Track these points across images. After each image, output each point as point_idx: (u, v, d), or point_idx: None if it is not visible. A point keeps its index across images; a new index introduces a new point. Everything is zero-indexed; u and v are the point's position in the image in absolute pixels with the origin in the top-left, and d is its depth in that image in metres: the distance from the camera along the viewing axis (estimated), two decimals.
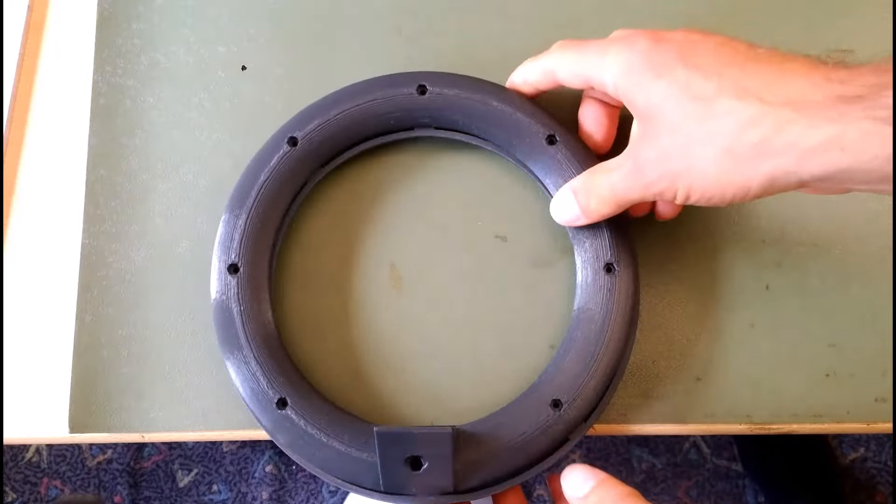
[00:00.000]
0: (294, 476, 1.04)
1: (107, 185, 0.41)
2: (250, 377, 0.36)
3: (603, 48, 0.33)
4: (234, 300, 0.37)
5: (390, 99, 0.39)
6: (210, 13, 0.44)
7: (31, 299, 0.41)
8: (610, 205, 0.34)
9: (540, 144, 0.38)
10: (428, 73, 0.39)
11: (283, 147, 0.38)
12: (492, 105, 0.38)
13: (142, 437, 0.39)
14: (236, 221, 0.38)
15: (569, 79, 0.36)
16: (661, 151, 0.31)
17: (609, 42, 0.34)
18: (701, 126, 0.30)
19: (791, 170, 0.28)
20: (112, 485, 1.04)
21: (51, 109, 0.43)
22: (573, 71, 0.35)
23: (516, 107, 0.38)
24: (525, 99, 0.39)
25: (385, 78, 0.39)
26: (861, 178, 0.27)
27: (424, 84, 0.39)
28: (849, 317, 0.40)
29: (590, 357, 0.36)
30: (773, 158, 0.28)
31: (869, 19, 0.43)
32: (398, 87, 0.39)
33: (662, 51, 0.31)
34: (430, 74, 0.39)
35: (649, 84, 0.31)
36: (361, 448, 0.35)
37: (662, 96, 0.31)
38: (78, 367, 0.39)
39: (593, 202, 0.35)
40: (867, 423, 0.39)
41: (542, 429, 0.35)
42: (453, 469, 0.34)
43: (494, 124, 0.39)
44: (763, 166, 0.29)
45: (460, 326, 0.40)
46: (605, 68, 0.33)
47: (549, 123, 0.38)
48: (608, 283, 0.37)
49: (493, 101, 0.38)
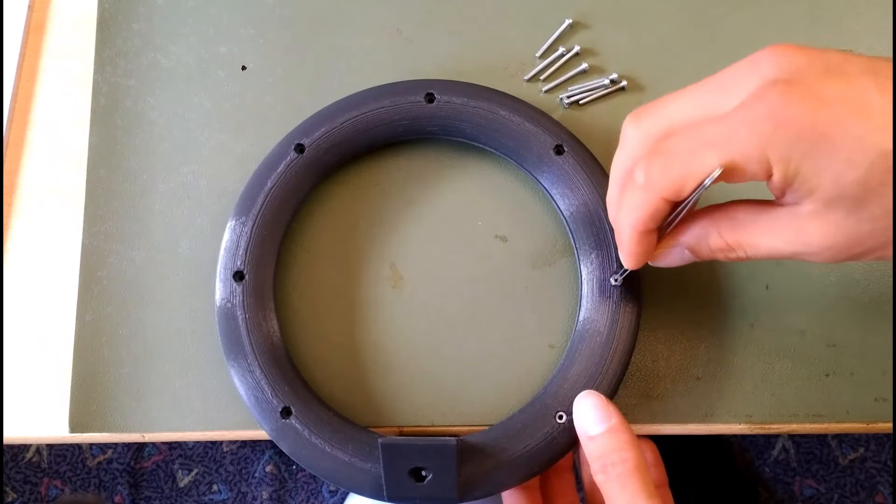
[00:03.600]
0: (294, 476, 1.04)
1: (107, 185, 0.41)
2: (255, 386, 0.36)
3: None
4: (240, 307, 0.37)
5: (398, 107, 0.39)
6: (210, 13, 0.44)
7: (31, 299, 0.41)
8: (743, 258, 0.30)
9: (548, 154, 0.38)
10: (436, 81, 0.39)
11: (290, 154, 0.38)
12: (500, 114, 0.38)
13: (142, 437, 0.39)
14: (242, 228, 0.38)
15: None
16: (860, 232, 0.26)
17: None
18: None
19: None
20: (112, 485, 1.04)
21: (51, 109, 0.43)
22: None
23: (524, 116, 0.38)
24: (533, 108, 0.39)
25: (393, 85, 0.39)
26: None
27: (432, 92, 0.39)
28: (849, 317, 0.40)
29: (595, 370, 0.36)
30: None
31: (868, 19, 0.43)
32: (406, 95, 0.39)
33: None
34: (438, 82, 0.39)
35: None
36: (365, 458, 0.35)
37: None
38: (78, 367, 0.39)
39: (725, 250, 0.30)
40: (867, 422, 0.39)
41: (546, 441, 0.35)
42: (457, 481, 0.34)
43: (502, 134, 0.39)
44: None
45: (460, 326, 0.40)
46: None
47: (558, 133, 0.38)
48: (615, 296, 0.36)
49: (502, 110, 0.38)
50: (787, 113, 0.25)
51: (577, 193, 0.38)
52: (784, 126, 0.25)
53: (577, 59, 0.43)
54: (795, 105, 0.25)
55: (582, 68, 0.42)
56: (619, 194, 0.31)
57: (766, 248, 0.29)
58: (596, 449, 0.32)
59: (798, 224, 0.27)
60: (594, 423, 0.33)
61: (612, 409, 0.33)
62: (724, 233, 0.30)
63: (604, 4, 0.43)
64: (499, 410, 0.39)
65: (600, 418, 0.33)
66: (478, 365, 0.39)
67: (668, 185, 0.28)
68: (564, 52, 0.42)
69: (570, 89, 0.42)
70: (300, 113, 0.41)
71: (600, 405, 0.33)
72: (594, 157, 0.38)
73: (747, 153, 0.26)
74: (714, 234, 0.30)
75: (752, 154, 0.26)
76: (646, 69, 0.43)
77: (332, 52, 0.43)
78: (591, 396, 0.34)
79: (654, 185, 0.28)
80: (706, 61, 0.43)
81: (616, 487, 0.31)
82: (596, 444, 0.32)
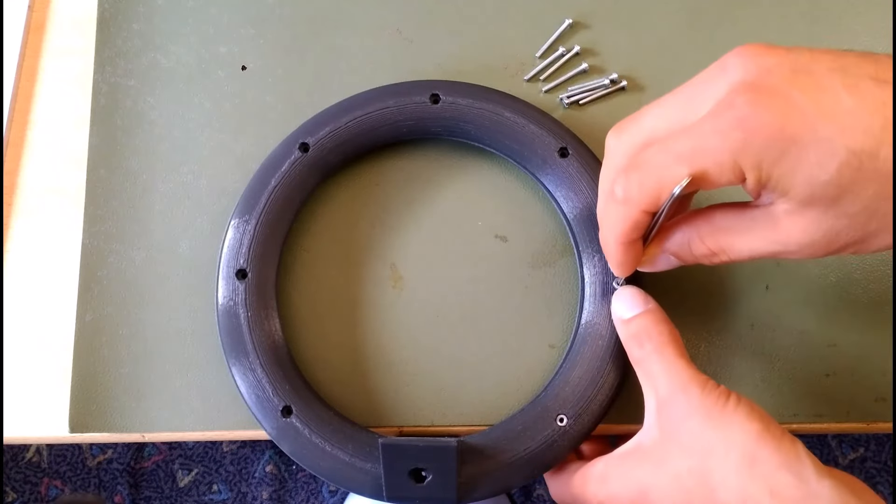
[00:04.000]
0: (294, 476, 1.04)
1: (107, 185, 0.41)
2: (256, 384, 0.36)
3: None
4: (242, 306, 0.37)
5: (403, 107, 0.39)
6: (210, 13, 0.44)
7: (31, 299, 0.41)
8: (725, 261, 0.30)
9: (552, 157, 0.38)
10: (441, 82, 0.39)
11: (294, 153, 0.38)
12: (504, 116, 0.38)
13: (142, 437, 0.39)
14: (246, 226, 0.38)
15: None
16: (838, 228, 0.27)
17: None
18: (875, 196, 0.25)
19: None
20: (112, 485, 1.04)
21: (51, 109, 0.43)
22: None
23: (529, 118, 0.38)
24: (538, 111, 0.39)
25: (397, 86, 0.39)
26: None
27: (437, 93, 0.39)
28: (849, 317, 0.40)
29: (597, 373, 0.36)
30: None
31: (868, 19, 0.43)
32: (411, 96, 0.39)
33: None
34: (443, 83, 0.39)
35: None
36: (365, 458, 0.35)
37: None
38: (78, 367, 0.39)
39: (709, 255, 0.30)
40: (867, 422, 0.39)
41: (547, 443, 0.35)
42: (457, 482, 0.34)
43: (506, 135, 0.39)
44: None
45: (460, 326, 0.40)
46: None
47: (562, 136, 0.38)
48: None
49: (507, 112, 0.38)
50: (756, 120, 0.25)
51: (580, 196, 0.38)
52: (753, 133, 0.25)
53: (577, 59, 0.43)
54: (763, 111, 0.25)
55: (582, 68, 0.42)
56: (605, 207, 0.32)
57: (746, 250, 0.29)
58: (632, 328, 0.33)
59: (775, 224, 0.28)
60: (630, 308, 0.34)
61: (648, 297, 0.34)
62: (705, 238, 0.30)
63: (604, 4, 0.43)
64: (499, 410, 0.39)
65: (637, 304, 0.34)
66: (478, 365, 0.39)
67: (644, 198, 0.28)
68: (564, 52, 0.42)
69: (570, 89, 0.42)
70: (300, 113, 0.41)
71: (637, 293, 0.34)
72: (598, 159, 0.38)
73: (719, 162, 0.26)
74: (696, 240, 0.31)
75: (724, 162, 0.26)
76: (646, 69, 0.43)
77: (332, 52, 0.43)
78: (629, 289, 0.35)
79: (632, 198, 0.29)
80: (706, 61, 0.42)
81: (654, 357, 0.32)
82: (632, 325, 0.34)
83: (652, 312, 0.34)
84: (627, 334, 0.34)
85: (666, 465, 0.31)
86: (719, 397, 0.30)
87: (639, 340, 0.33)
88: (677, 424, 0.31)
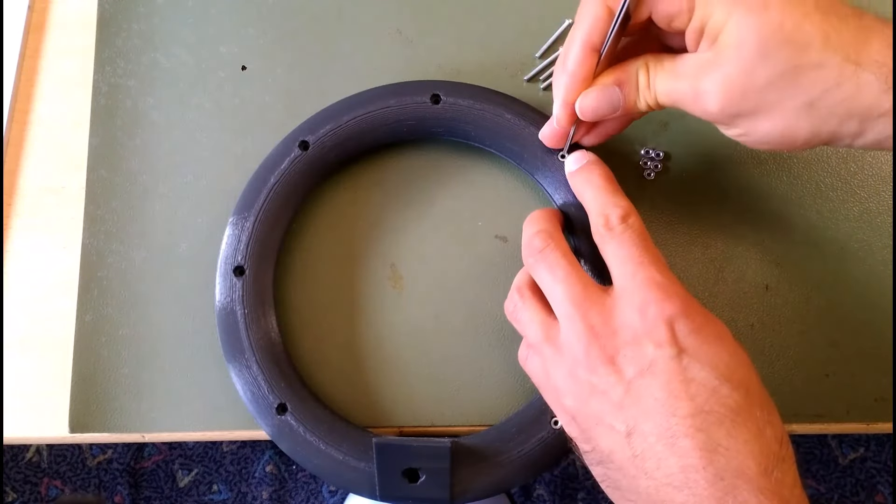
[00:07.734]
0: (294, 476, 1.04)
1: (107, 185, 0.41)
2: (251, 381, 0.36)
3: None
4: (239, 303, 0.37)
5: (404, 107, 0.39)
6: (210, 13, 0.44)
7: (31, 299, 0.41)
8: (658, 104, 0.33)
9: (551, 158, 0.38)
10: (442, 83, 0.39)
11: (294, 151, 0.38)
12: (505, 117, 0.38)
13: (142, 437, 0.39)
14: (244, 224, 0.38)
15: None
16: (740, 87, 0.30)
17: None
18: (790, 78, 0.29)
19: (855, 131, 0.29)
20: (112, 485, 1.04)
21: (51, 109, 0.43)
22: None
23: (530, 120, 0.38)
24: (538, 112, 0.39)
25: (398, 86, 0.39)
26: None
27: (438, 93, 0.39)
28: (849, 317, 0.40)
29: None
30: (847, 120, 0.28)
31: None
32: (412, 96, 0.39)
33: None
34: (444, 84, 0.39)
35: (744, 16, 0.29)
36: (359, 457, 0.35)
37: (754, 29, 0.29)
38: (78, 367, 0.39)
39: (649, 97, 0.33)
40: (867, 423, 0.39)
41: (542, 445, 0.35)
42: (451, 483, 0.34)
43: (507, 137, 0.39)
44: (831, 124, 0.29)
45: (461, 326, 0.40)
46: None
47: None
48: None
49: (507, 113, 0.38)
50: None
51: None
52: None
53: None
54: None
55: None
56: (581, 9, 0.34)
57: (672, 90, 0.32)
58: (581, 175, 0.35)
59: (699, 67, 0.31)
60: (575, 160, 0.36)
61: (590, 153, 0.36)
62: (650, 68, 0.33)
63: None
64: (498, 410, 0.39)
65: (580, 157, 0.36)
66: (478, 365, 0.39)
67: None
68: None
69: None
70: (300, 113, 0.41)
71: (581, 152, 0.36)
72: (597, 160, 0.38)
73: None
74: (642, 71, 0.33)
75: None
76: None
77: (333, 53, 0.43)
78: (575, 152, 0.36)
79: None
80: None
81: (587, 187, 0.34)
82: (579, 175, 0.35)
83: (591, 166, 0.35)
84: (576, 182, 0.36)
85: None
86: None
87: (585, 181, 0.35)
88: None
